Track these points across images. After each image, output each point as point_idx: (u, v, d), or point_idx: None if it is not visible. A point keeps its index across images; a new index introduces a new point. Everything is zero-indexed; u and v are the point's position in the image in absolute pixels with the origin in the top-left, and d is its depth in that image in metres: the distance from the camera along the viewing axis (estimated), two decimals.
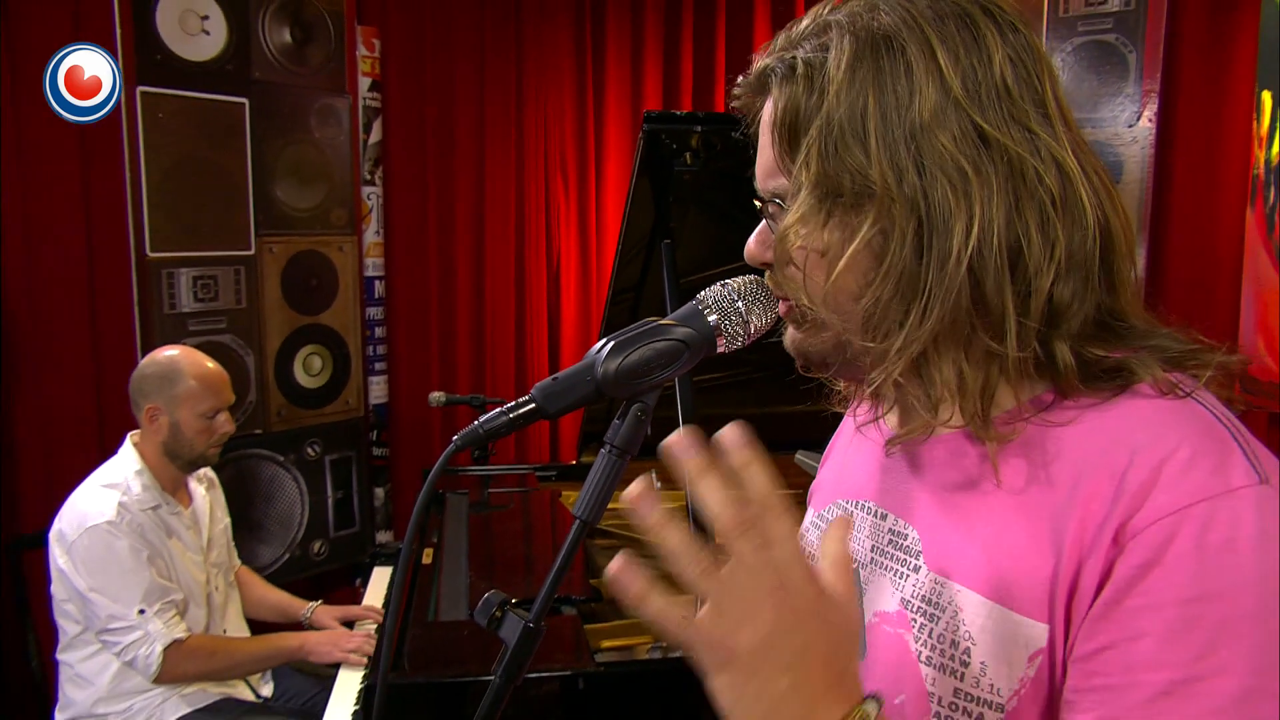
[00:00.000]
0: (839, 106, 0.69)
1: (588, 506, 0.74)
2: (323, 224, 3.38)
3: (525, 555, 2.42)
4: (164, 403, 2.20)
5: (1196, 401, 0.67)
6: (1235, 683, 0.58)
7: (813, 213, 0.70)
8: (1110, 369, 0.69)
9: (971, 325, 0.68)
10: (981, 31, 0.70)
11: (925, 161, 0.67)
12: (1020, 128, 0.68)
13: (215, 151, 3.05)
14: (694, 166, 1.91)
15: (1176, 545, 0.60)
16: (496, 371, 4.14)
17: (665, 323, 0.77)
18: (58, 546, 2.12)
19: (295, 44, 3.23)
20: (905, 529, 0.78)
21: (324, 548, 3.43)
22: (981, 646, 0.69)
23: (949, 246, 0.67)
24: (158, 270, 2.95)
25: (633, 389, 0.74)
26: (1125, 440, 0.65)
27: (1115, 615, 0.62)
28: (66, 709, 2.18)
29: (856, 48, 0.70)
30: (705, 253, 2.25)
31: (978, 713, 0.69)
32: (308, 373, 3.38)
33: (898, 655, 0.74)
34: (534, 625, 0.75)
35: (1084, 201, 0.68)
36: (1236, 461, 0.63)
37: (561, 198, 4.22)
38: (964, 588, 0.70)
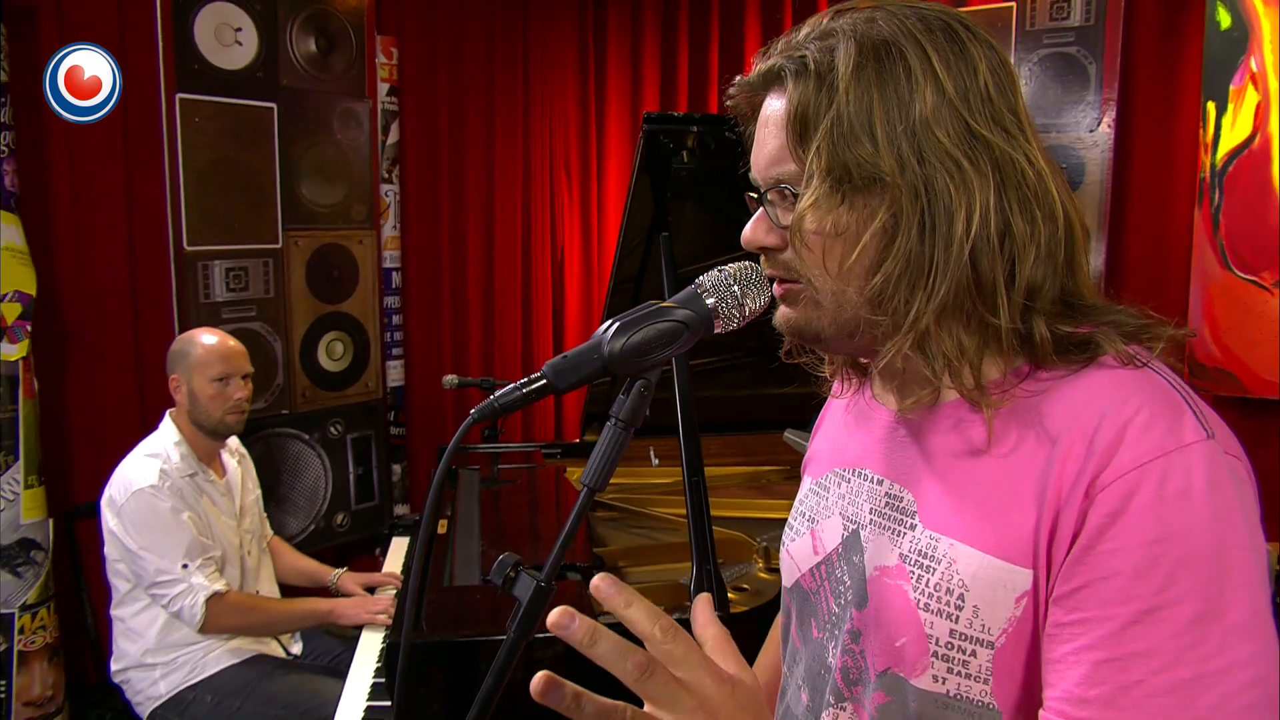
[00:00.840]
0: (848, 103, 0.72)
1: (594, 475, 0.77)
2: (344, 219, 3.42)
3: (532, 525, 2.47)
4: (181, 372, 2.27)
5: (1152, 370, 0.72)
6: (1190, 609, 0.64)
7: (826, 197, 0.73)
8: (1078, 343, 0.73)
9: (970, 301, 0.72)
10: (965, 44, 0.74)
11: (926, 154, 0.71)
12: (1001, 130, 0.73)
13: (246, 153, 3.09)
14: (690, 164, 1.95)
15: (1140, 496, 0.65)
16: (504, 356, 4.18)
17: (666, 305, 0.78)
18: (108, 510, 2.18)
19: (320, 53, 3.26)
20: (901, 492, 0.81)
21: (346, 519, 3.49)
22: (974, 592, 0.73)
23: (953, 230, 0.71)
24: (194, 262, 2.99)
25: (636, 366, 0.76)
26: (1094, 405, 0.70)
27: (1090, 559, 0.67)
28: (120, 659, 2.25)
29: (860, 51, 0.73)
30: (700, 244, 2.29)
31: (970, 649, 0.73)
32: (330, 357, 3.42)
33: (899, 603, 0.78)
34: (545, 584, 0.78)
35: (1055, 195, 0.73)
36: (1188, 421, 0.68)
37: (565, 194, 4.25)
38: (957, 541, 0.75)
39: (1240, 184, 2.87)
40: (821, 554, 0.89)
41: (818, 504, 0.93)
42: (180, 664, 2.19)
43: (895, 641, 0.77)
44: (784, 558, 0.97)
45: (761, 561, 2.27)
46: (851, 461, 0.89)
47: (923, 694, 0.76)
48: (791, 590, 0.95)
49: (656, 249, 2.17)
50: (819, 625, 0.89)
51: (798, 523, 0.95)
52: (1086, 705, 0.66)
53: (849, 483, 0.89)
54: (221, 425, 2.32)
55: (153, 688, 2.20)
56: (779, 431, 2.72)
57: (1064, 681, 0.67)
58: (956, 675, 0.74)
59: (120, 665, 2.24)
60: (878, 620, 0.80)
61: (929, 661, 0.75)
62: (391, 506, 3.77)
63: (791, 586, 0.95)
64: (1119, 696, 0.65)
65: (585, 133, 4.22)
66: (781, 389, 2.71)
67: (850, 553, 0.85)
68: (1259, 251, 2.87)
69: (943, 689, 0.75)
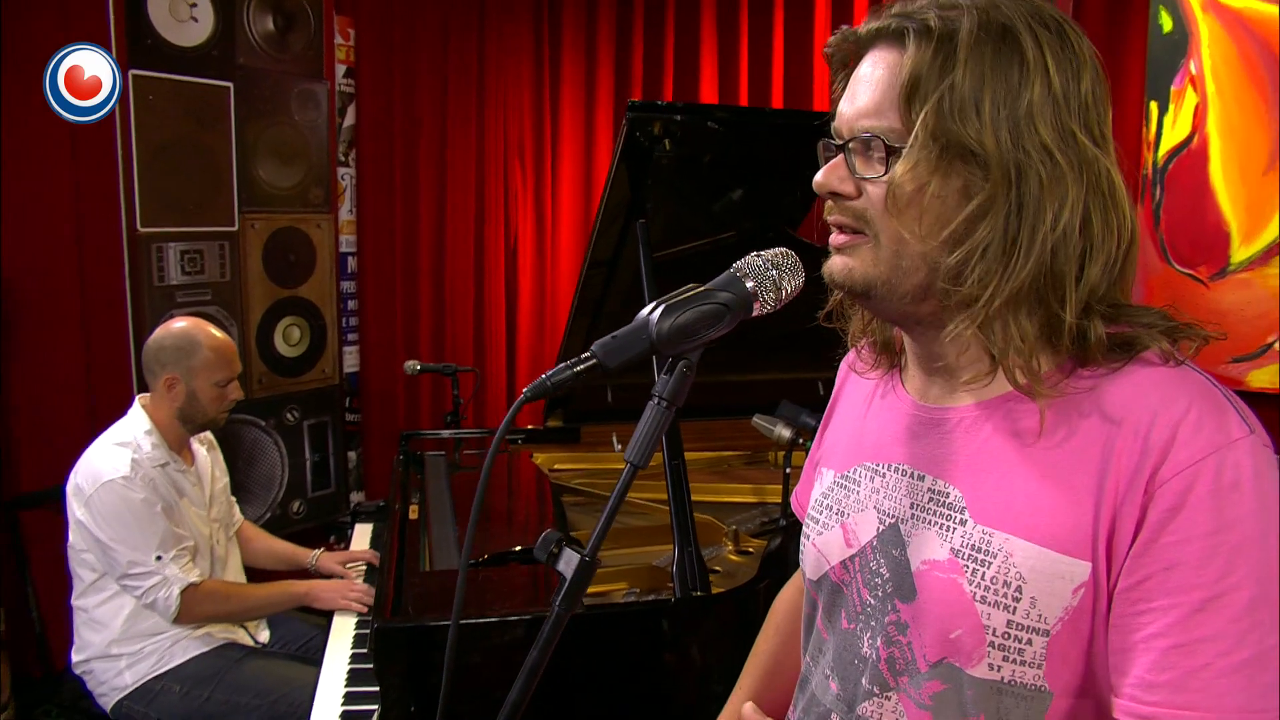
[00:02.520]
0: (964, 77, 0.73)
1: (638, 452, 0.79)
2: (302, 202, 3.36)
3: (506, 509, 2.48)
4: (182, 373, 2.20)
5: (1190, 368, 0.76)
6: (1248, 594, 0.68)
7: (927, 161, 0.74)
8: (1121, 342, 0.76)
9: (1042, 290, 0.75)
10: (1076, 50, 0.76)
11: (1026, 143, 0.73)
12: (1091, 137, 0.75)
13: (202, 133, 3.02)
14: (672, 152, 1.96)
15: (1197, 490, 0.69)
16: (457, 342, 4.16)
17: (708, 288, 0.81)
18: (75, 500, 2.12)
19: (277, 31, 3.20)
20: (946, 488, 0.83)
21: (302, 507, 3.44)
22: (1031, 584, 0.75)
23: (1041, 219, 0.73)
24: (148, 245, 2.91)
25: (681, 346, 0.79)
26: (1145, 403, 0.73)
27: (1153, 551, 0.70)
28: (83, 650, 2.18)
29: (984, 28, 0.74)
30: (673, 230, 2.31)
31: (1027, 639, 0.76)
32: (287, 343, 3.37)
33: (954, 596, 0.79)
34: (589, 558, 0.81)
35: (1127, 210, 0.76)
36: (1232, 418, 0.72)
37: (519, 180, 4.24)
38: (1012, 535, 0.76)
39: (1180, 182, 3.00)
40: (855, 547, 0.90)
41: (846, 497, 0.93)
42: (147, 653, 2.14)
43: (951, 633, 0.79)
44: (809, 550, 0.97)
45: (731, 545, 2.32)
46: (882, 456, 0.90)
47: (978, 682, 0.78)
48: (818, 583, 0.96)
49: (631, 234, 2.18)
50: (849, 616, 0.90)
51: (824, 516, 0.96)
52: (1158, 690, 0.70)
53: (883, 477, 0.89)
54: (212, 423, 2.29)
55: (118, 678, 2.14)
56: (739, 417, 2.76)
57: (1135, 669, 0.71)
58: (1012, 663, 0.76)
59: (83, 656, 2.18)
60: (929, 612, 0.81)
61: (985, 651, 0.77)
62: (348, 494, 3.72)
63: (819, 579, 0.96)
64: (1189, 680, 0.69)
65: (539, 120, 4.20)
66: (742, 376, 2.75)
67: (888, 546, 0.86)
68: (1196, 247, 3.00)
69: (997, 676, 0.77)
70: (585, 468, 2.91)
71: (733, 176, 2.28)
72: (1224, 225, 2.97)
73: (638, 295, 2.39)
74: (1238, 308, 2.90)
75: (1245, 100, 2.92)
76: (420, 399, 4.11)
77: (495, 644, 1.64)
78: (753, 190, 2.35)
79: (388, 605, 1.82)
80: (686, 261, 2.42)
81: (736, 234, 2.43)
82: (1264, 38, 2.88)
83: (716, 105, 3.81)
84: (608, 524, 0.82)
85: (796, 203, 2.55)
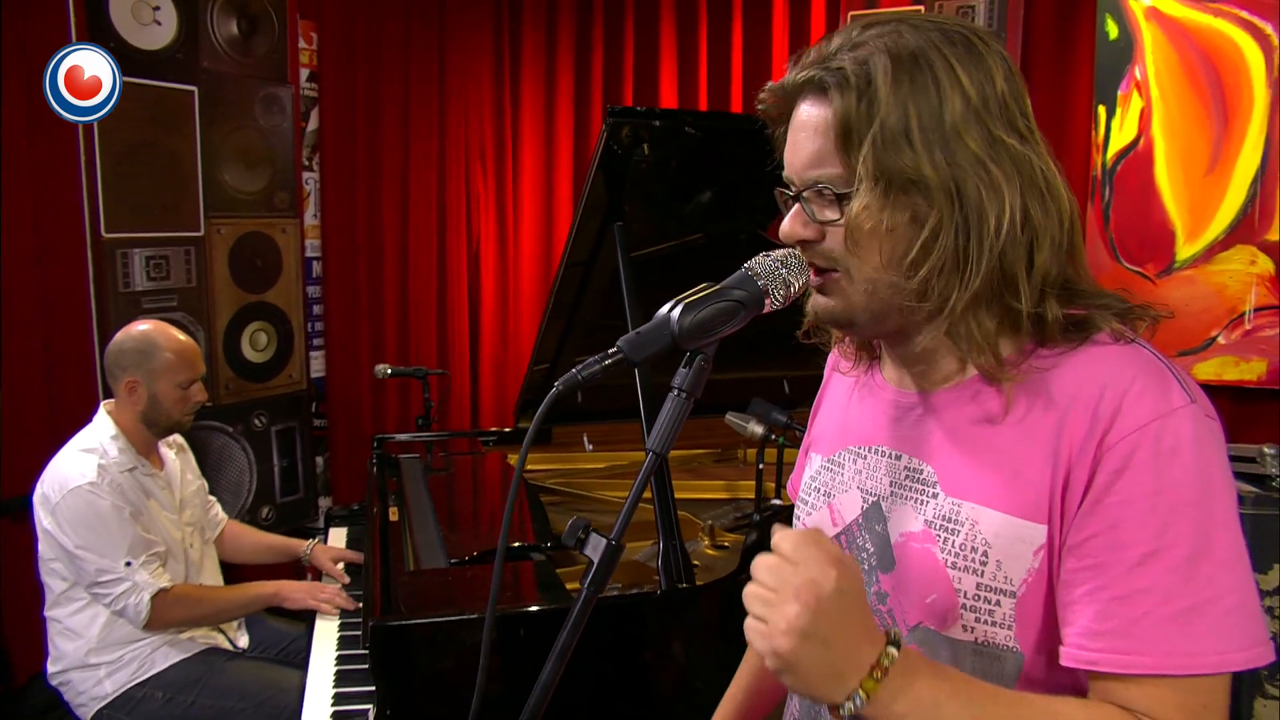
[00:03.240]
0: (889, 114, 0.78)
1: (660, 441, 0.84)
2: (267, 207, 3.34)
3: (482, 508, 2.51)
4: (143, 375, 2.19)
5: (1139, 345, 0.82)
6: (1184, 550, 0.74)
7: (876, 200, 0.80)
8: (1077, 323, 0.82)
9: (996, 289, 0.81)
10: (982, 55, 0.81)
11: (958, 158, 0.78)
12: (1016, 134, 0.80)
13: (166, 136, 2.99)
14: (651, 157, 2.01)
15: (1139, 454, 0.76)
16: (421, 346, 4.17)
17: (723, 287, 0.86)
18: (42, 509, 2.10)
19: (241, 35, 3.18)
20: (921, 466, 0.89)
21: (271, 512, 3.42)
22: (996, 549, 0.81)
23: (985, 228, 0.78)
24: (113, 250, 2.88)
25: (699, 341, 0.84)
26: (1095, 378, 0.79)
27: (1098, 510, 0.77)
28: (59, 660, 2.16)
29: (895, 64, 0.79)
30: (648, 232, 2.36)
31: (995, 600, 0.82)
32: (254, 348, 3.35)
33: (928, 564, 0.85)
34: (615, 542, 0.85)
35: (1061, 192, 0.81)
36: (1174, 388, 0.78)
37: (480, 183, 4.26)
38: (977, 505, 0.83)
39: (1127, 182, 3.13)
40: (841, 525, 0.97)
41: (832, 479, 1.00)
42: (127, 661, 2.13)
43: (926, 598, 0.85)
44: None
45: (707, 539, 2.38)
46: (865, 439, 0.97)
47: (954, 643, 0.84)
48: None
49: (609, 236, 2.23)
50: None
51: (812, 498, 1.03)
52: (1101, 638, 0.76)
53: (865, 459, 0.96)
54: (177, 426, 2.27)
55: (97, 687, 2.12)
56: (707, 416, 2.82)
57: (1080, 619, 0.78)
58: (984, 624, 0.83)
59: (59, 667, 2.16)
60: (908, 580, 0.88)
61: (959, 614, 0.84)
62: (317, 499, 3.70)
63: None
64: (1129, 628, 0.75)
65: (500, 123, 4.23)
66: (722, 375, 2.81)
67: (872, 522, 0.93)
68: (1143, 245, 3.14)
69: (971, 637, 0.83)
70: (558, 468, 2.96)
71: (706, 180, 2.34)
72: (1169, 224, 3.11)
73: (613, 296, 2.44)
74: (1183, 303, 3.03)
75: (1187, 105, 3.06)
76: (386, 403, 4.10)
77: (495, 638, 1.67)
78: (724, 193, 2.41)
79: (376, 605, 1.85)
80: (660, 263, 2.47)
81: (704, 236, 2.49)
82: (1202, 46, 3.03)
83: (693, 111, 3.87)
84: (631, 510, 0.86)
85: (766, 205, 2.62)
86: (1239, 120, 3.01)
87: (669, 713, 1.80)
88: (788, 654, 0.72)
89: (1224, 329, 3.09)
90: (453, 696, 1.65)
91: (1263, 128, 2.97)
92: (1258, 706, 2.19)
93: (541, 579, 1.89)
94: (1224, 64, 3.01)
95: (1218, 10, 3.00)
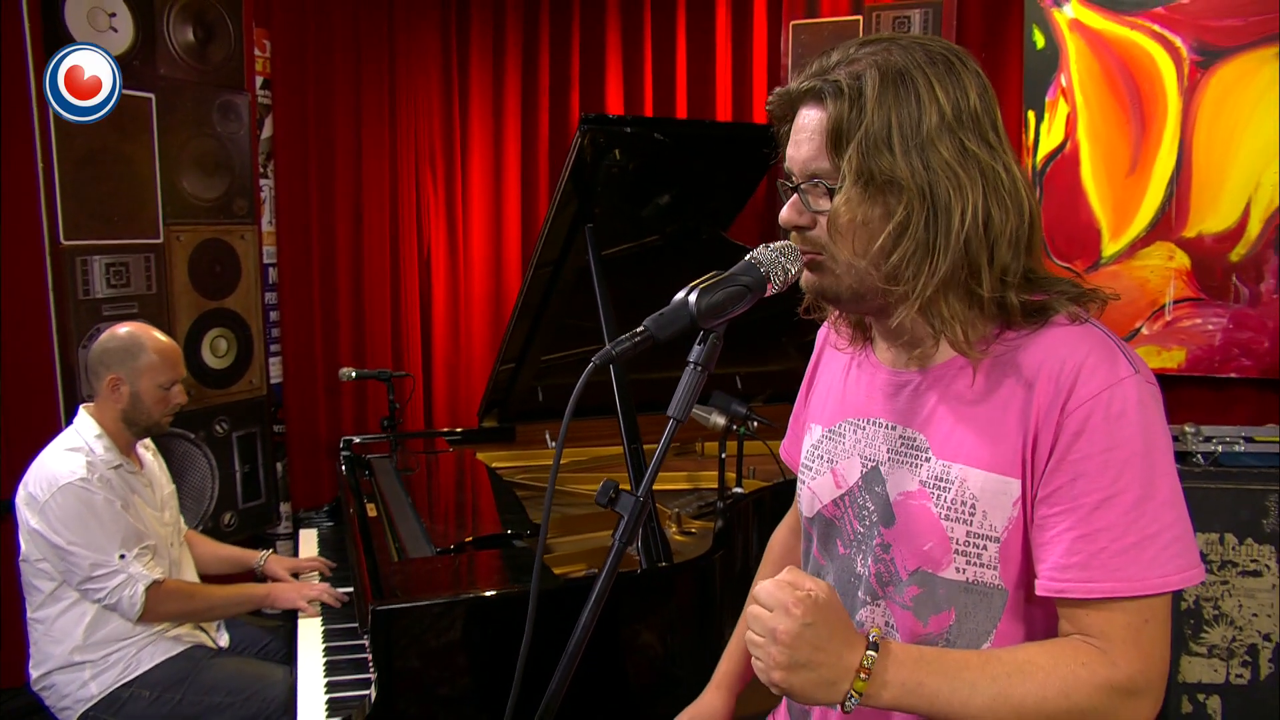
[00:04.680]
0: (874, 122, 0.92)
1: (678, 408, 0.97)
2: (226, 214, 3.37)
3: (459, 501, 2.60)
4: (126, 374, 2.23)
5: (1092, 324, 0.98)
6: (1133, 495, 0.90)
7: (857, 195, 0.94)
8: (1037, 308, 0.97)
9: (962, 276, 0.94)
10: (960, 74, 0.94)
11: (931, 164, 0.92)
12: (985, 144, 0.94)
13: (124, 143, 3.00)
14: (621, 162, 2.13)
15: (1094, 418, 0.91)
16: (375, 351, 4.22)
17: (730, 274, 0.99)
18: (28, 510, 2.12)
19: (198, 43, 3.21)
20: (914, 435, 1.03)
21: (234, 518, 3.44)
22: (982, 501, 0.96)
23: (951, 224, 0.92)
24: (72, 257, 2.89)
25: (713, 321, 0.97)
26: (1055, 355, 0.94)
27: (1063, 466, 0.92)
28: (43, 664, 2.18)
29: (883, 79, 0.93)
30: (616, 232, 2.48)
31: (982, 544, 0.97)
32: (215, 354, 3.37)
33: (925, 517, 1.00)
34: (643, 498, 0.97)
35: (1023, 195, 0.95)
36: (1121, 361, 0.94)
37: (430, 186, 4.33)
38: (965, 465, 0.98)
39: (1056, 183, 3.36)
40: (844, 487, 1.11)
41: (834, 448, 1.14)
42: (113, 661, 2.16)
43: (924, 546, 1.00)
44: (804, 492, 1.18)
45: (675, 526, 2.51)
46: (863, 413, 1.11)
47: (948, 583, 1.00)
48: (814, 519, 1.17)
49: (579, 237, 2.35)
50: (844, 543, 1.11)
51: (815, 464, 1.17)
52: (1069, 570, 0.92)
53: (864, 429, 1.10)
54: (156, 427, 2.31)
55: (82, 689, 2.14)
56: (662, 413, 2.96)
57: (1051, 556, 0.94)
58: (973, 566, 0.98)
59: (42, 670, 2.17)
60: (907, 532, 1.02)
61: (952, 558, 0.99)
62: (278, 504, 3.73)
63: (814, 516, 1.16)
64: (1090, 560, 0.91)
65: (450, 129, 4.31)
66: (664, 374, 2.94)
67: (872, 484, 1.07)
68: (1072, 242, 3.37)
69: (963, 577, 0.99)
70: (524, 464, 3.06)
71: (672, 183, 2.47)
72: (1095, 223, 3.34)
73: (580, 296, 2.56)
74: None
75: (1109, 110, 3.30)
76: (342, 408, 4.14)
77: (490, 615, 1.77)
78: (687, 195, 2.55)
79: (367, 593, 1.93)
80: (628, 261, 2.60)
81: (669, 235, 2.62)
82: (1121, 56, 3.27)
83: (662, 118, 4.03)
84: (655, 471, 0.98)
85: (723, 207, 2.77)
86: (1155, 125, 3.26)
87: (653, 685, 1.92)
88: (782, 683, 0.91)
89: (1146, 320, 3.33)
90: (452, 676, 1.75)
91: (1176, 133, 3.23)
92: (1184, 663, 2.40)
93: (527, 562, 2.00)
94: (1141, 73, 3.26)
95: (1133, 24, 3.24)
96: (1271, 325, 3.20)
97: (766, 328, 2.04)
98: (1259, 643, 2.38)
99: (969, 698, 0.91)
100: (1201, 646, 2.41)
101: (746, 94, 4.18)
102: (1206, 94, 3.19)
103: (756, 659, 0.93)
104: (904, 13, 3.62)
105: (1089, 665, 0.91)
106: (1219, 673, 2.39)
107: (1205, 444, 2.57)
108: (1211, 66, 3.18)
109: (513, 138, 4.31)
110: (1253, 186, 3.17)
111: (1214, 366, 3.28)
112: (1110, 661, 0.91)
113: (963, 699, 0.91)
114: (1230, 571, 2.40)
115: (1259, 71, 3.12)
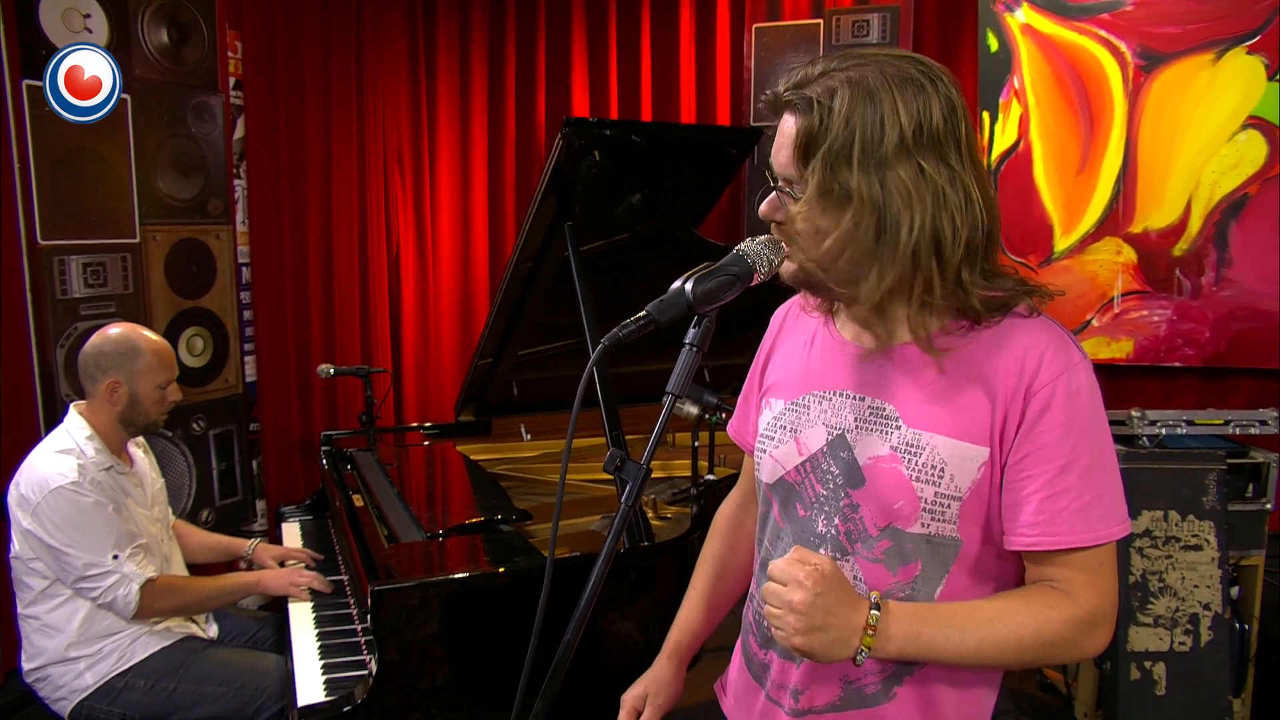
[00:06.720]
0: (838, 139, 1.02)
1: (677, 384, 1.09)
2: (201, 214, 3.42)
3: (444, 490, 2.70)
4: (124, 376, 2.28)
5: (1045, 317, 1.11)
6: (1086, 461, 1.05)
7: (814, 205, 1.05)
8: (999, 304, 1.09)
9: (913, 284, 1.06)
10: (929, 95, 1.02)
11: (887, 182, 1.02)
12: (944, 164, 1.03)
13: (100, 144, 3.04)
14: (603, 163, 2.24)
15: (1055, 397, 1.05)
16: (345, 348, 4.27)
17: (721, 264, 1.10)
18: (20, 511, 2.17)
19: (172, 44, 3.26)
20: (883, 405, 1.14)
21: (211, 515, 3.49)
22: (950, 465, 1.08)
23: (899, 237, 1.03)
24: (49, 258, 2.93)
25: (707, 307, 1.08)
26: (1019, 341, 1.08)
27: (1030, 438, 1.06)
28: (36, 657, 2.22)
29: (852, 98, 1.02)
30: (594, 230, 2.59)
31: (947, 503, 1.09)
32: (191, 353, 3.42)
33: (896, 479, 1.10)
34: (647, 467, 1.09)
35: (978, 210, 1.05)
36: (1072, 349, 1.08)
37: (399, 188, 4.40)
38: (935, 433, 1.09)
39: (1010, 181, 3.53)
40: (806, 454, 1.21)
41: (798, 419, 1.24)
42: (107, 653, 2.21)
43: (894, 505, 1.11)
44: (765, 460, 1.28)
45: (652, 512, 2.63)
46: (828, 385, 1.21)
47: (914, 537, 1.12)
48: (774, 486, 1.27)
49: (559, 234, 2.46)
50: (804, 506, 1.22)
51: (778, 434, 1.26)
52: (1036, 527, 1.06)
53: (830, 400, 1.20)
54: (153, 425, 2.36)
55: (77, 680, 2.20)
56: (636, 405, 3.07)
57: (1021, 515, 1.07)
58: (937, 521, 1.10)
59: (36, 664, 2.22)
60: (878, 492, 1.13)
61: (920, 516, 1.11)
62: (255, 501, 3.78)
63: (775, 483, 1.26)
64: (1054, 519, 1.05)
65: (417, 129, 4.39)
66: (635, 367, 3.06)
67: (837, 450, 1.18)
68: (1026, 237, 3.55)
69: (927, 531, 1.11)
70: (500, 457, 3.16)
71: (645, 183, 2.59)
72: (1048, 219, 3.53)
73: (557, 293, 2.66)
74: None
75: (1059, 111, 3.49)
76: (314, 406, 4.19)
77: (475, 593, 1.88)
78: (662, 194, 2.67)
79: (362, 577, 2.02)
80: (604, 257, 2.71)
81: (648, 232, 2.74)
82: (1070, 60, 3.46)
83: (639, 121, 4.14)
84: (657, 441, 1.10)
85: (698, 205, 2.90)
86: (1103, 126, 3.45)
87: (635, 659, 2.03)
88: (803, 646, 1.04)
89: (1096, 313, 3.52)
90: (448, 652, 1.85)
91: (1123, 133, 3.42)
92: (1131, 633, 2.57)
93: (515, 544, 2.10)
94: (1089, 76, 3.45)
95: (1081, 28, 3.43)
96: (1212, 316, 3.41)
97: (733, 323, 2.17)
98: (1200, 612, 2.56)
99: (961, 642, 1.07)
100: (1148, 617, 2.58)
101: (710, 94, 4.31)
102: (1150, 96, 3.39)
103: (777, 629, 1.05)
104: (863, 16, 3.78)
105: (1056, 606, 1.07)
106: (1164, 641, 2.57)
107: (1150, 427, 2.74)
108: (1154, 70, 3.37)
109: (480, 137, 4.40)
110: (1193, 184, 3.37)
111: (1159, 356, 3.48)
112: (1074, 601, 1.07)
113: (955, 644, 1.07)
114: (1174, 546, 2.57)
115: (1196, 76, 3.32)
